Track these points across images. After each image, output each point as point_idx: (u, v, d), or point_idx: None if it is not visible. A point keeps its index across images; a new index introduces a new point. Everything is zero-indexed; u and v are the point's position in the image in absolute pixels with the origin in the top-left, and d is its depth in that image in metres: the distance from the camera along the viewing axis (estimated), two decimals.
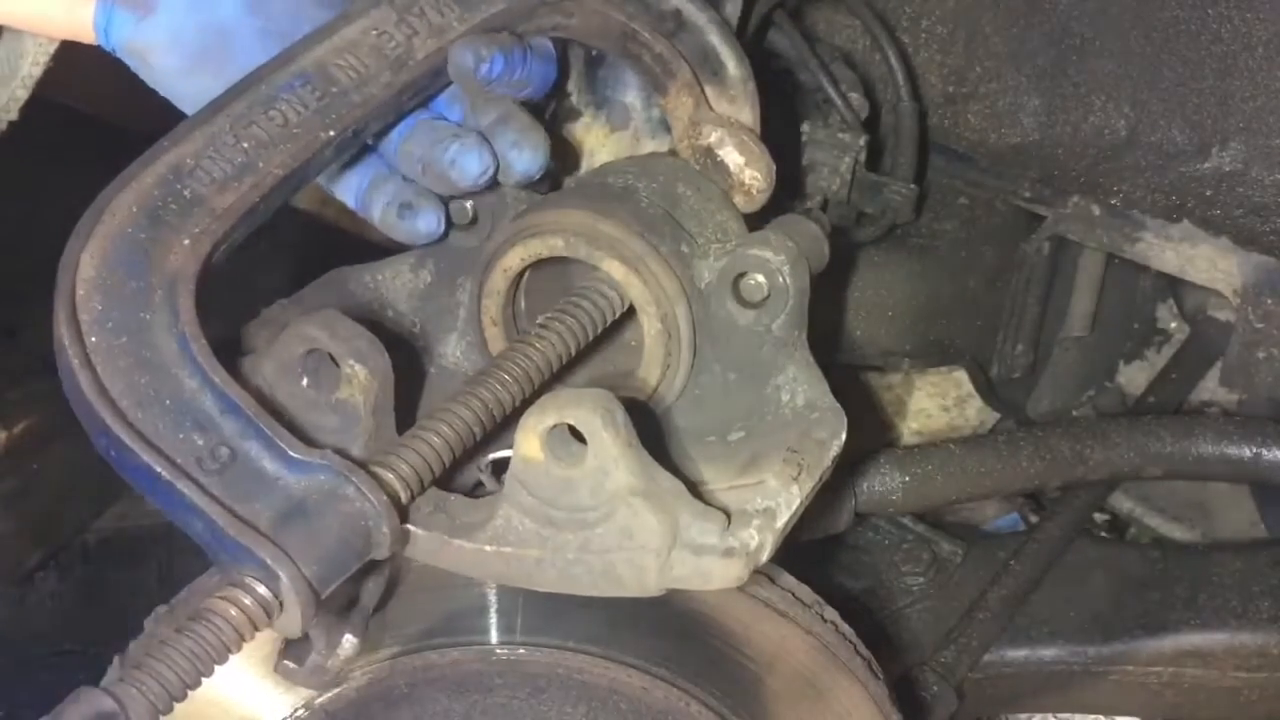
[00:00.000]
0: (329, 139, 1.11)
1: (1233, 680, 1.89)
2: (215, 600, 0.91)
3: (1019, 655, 1.93)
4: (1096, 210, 1.88)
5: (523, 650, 1.33)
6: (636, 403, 1.20)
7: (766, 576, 1.33)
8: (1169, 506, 2.23)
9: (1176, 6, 1.64)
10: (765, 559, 1.04)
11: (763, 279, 1.18)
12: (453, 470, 1.06)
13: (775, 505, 1.06)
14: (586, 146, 1.41)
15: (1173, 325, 2.19)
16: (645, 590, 1.02)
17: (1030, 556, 1.90)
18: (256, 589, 0.90)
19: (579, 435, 0.99)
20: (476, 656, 1.34)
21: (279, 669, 1.11)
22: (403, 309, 1.35)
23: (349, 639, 1.09)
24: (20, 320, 2.01)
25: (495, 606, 1.33)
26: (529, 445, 1.00)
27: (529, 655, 1.33)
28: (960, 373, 2.12)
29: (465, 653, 1.34)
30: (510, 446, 1.03)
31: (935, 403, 2.17)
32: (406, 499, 1.00)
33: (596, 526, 1.01)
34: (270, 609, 0.91)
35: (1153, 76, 1.67)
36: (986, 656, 1.89)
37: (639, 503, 0.99)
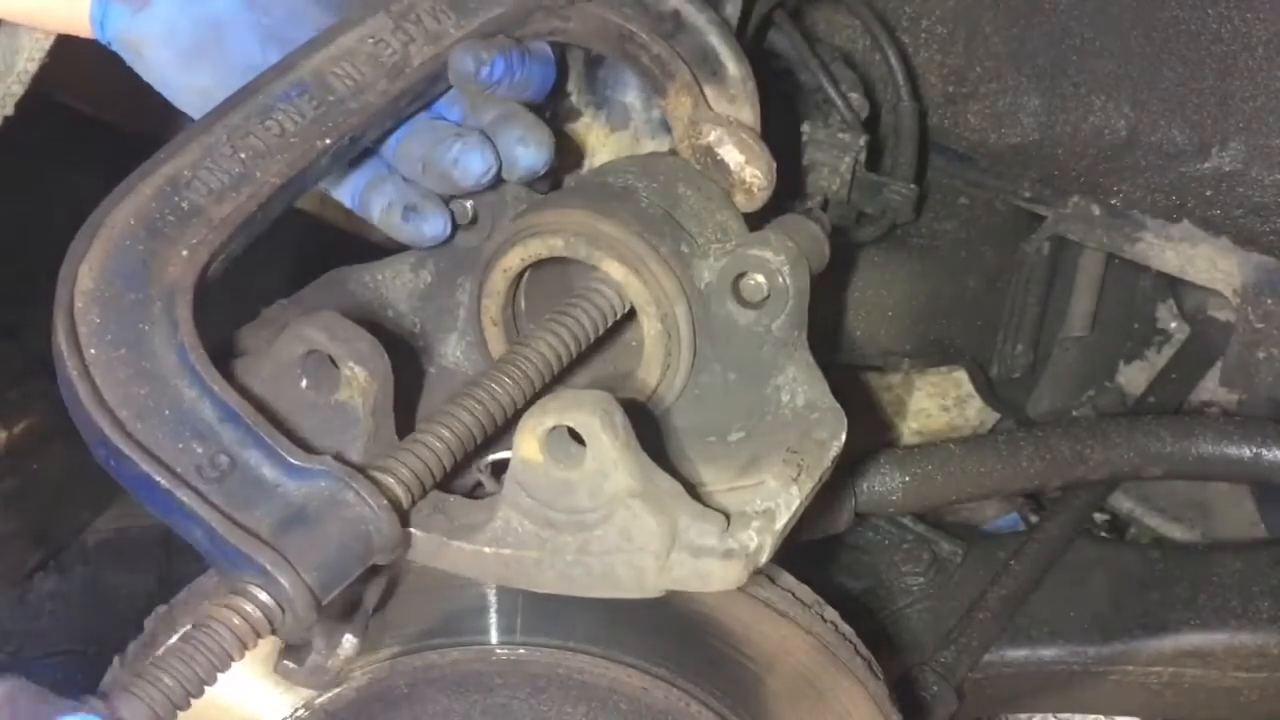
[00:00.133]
0: (326, 147, 1.10)
1: (1233, 680, 1.89)
2: (217, 608, 0.91)
3: (1019, 655, 1.92)
4: (1096, 210, 1.88)
5: (523, 650, 1.33)
6: (636, 404, 1.20)
7: (766, 576, 1.33)
8: (1169, 506, 2.23)
9: (1176, 6, 1.64)
10: (764, 560, 1.04)
11: (763, 279, 1.18)
12: (453, 473, 1.06)
13: (775, 506, 1.06)
14: (586, 146, 1.41)
15: (1173, 325, 2.19)
16: (644, 592, 1.02)
17: (1030, 556, 1.90)
18: (258, 596, 0.90)
19: (578, 437, 0.99)
20: (476, 656, 1.34)
21: (279, 669, 1.11)
22: (403, 309, 1.35)
23: (349, 639, 1.09)
24: (20, 320, 2.01)
25: (495, 606, 1.33)
26: (528, 447, 1.00)
27: (529, 655, 1.33)
28: (960, 373, 2.12)
29: (465, 653, 1.33)
30: (510, 447, 1.03)
31: (935, 403, 2.17)
32: (407, 504, 1.00)
33: (595, 528, 1.00)
34: (273, 616, 0.91)
35: (1153, 76, 1.67)
36: (986, 656, 1.89)
37: (638, 504, 0.99)
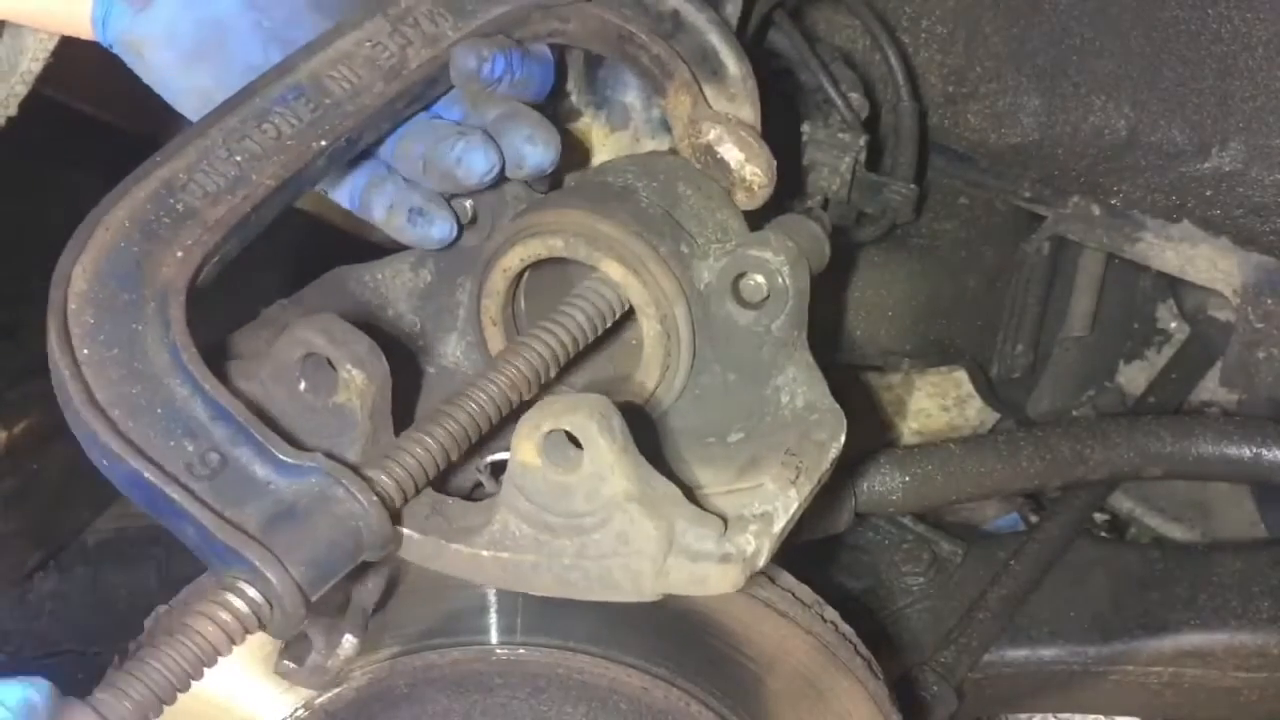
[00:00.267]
0: (322, 150, 1.10)
1: (1233, 680, 1.89)
2: (205, 603, 0.91)
3: (1019, 655, 1.92)
4: (1096, 210, 1.87)
5: (523, 650, 1.33)
6: (634, 407, 1.20)
7: (766, 576, 1.33)
8: (1169, 506, 2.23)
9: (1176, 6, 1.64)
10: (762, 564, 1.03)
11: (762, 279, 1.18)
12: (449, 473, 1.06)
13: (773, 509, 1.06)
14: (586, 146, 1.41)
15: (1173, 325, 2.19)
16: (641, 596, 1.02)
17: (1030, 556, 1.90)
18: (246, 592, 0.90)
19: (575, 441, 0.99)
20: (476, 656, 1.34)
21: (279, 669, 1.11)
22: (402, 308, 1.35)
23: (349, 639, 1.09)
24: (19, 320, 2.01)
25: (495, 606, 1.33)
26: (525, 450, 1.00)
27: (529, 655, 1.33)
28: (960, 373, 2.12)
29: (465, 653, 1.33)
30: (509, 448, 1.03)
31: (935, 403, 2.17)
32: (399, 501, 1.00)
33: (593, 532, 1.00)
34: (260, 611, 0.91)
35: (1153, 76, 1.67)
36: (986, 656, 1.89)
37: (635, 508, 0.99)
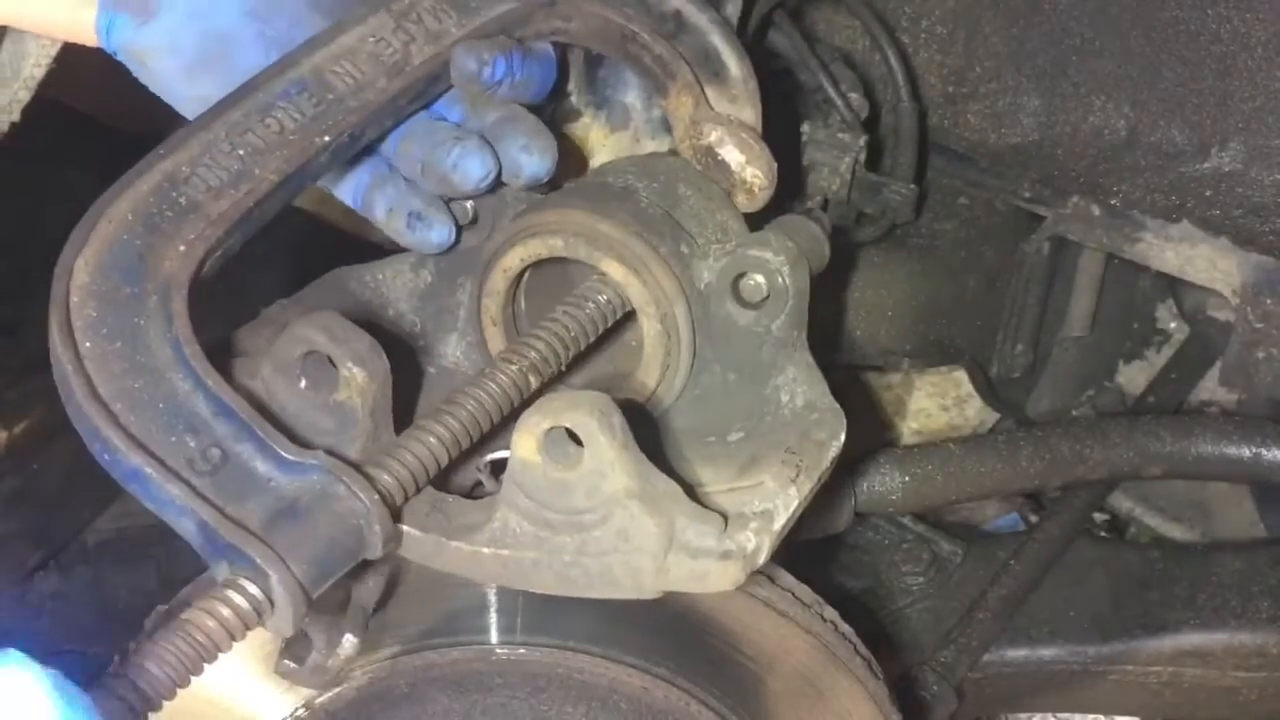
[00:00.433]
0: (325, 145, 1.11)
1: (1232, 680, 1.89)
2: (206, 600, 0.91)
3: (1019, 655, 1.92)
4: (1096, 210, 1.87)
5: (523, 650, 1.33)
6: (634, 405, 1.20)
7: (766, 576, 1.33)
8: (1169, 506, 2.23)
9: (1176, 7, 1.64)
10: (762, 561, 1.03)
11: (762, 279, 1.18)
12: (449, 471, 1.06)
13: (773, 507, 1.06)
14: (586, 147, 1.41)
15: (1172, 325, 2.19)
16: (642, 592, 1.02)
17: (1030, 556, 1.90)
18: (247, 588, 0.90)
19: (576, 438, 0.99)
20: (476, 656, 1.34)
21: (279, 668, 1.11)
22: (403, 308, 1.35)
23: (349, 638, 1.10)
24: (19, 318, 2.01)
25: (495, 606, 1.33)
26: (526, 448, 1.00)
27: (529, 655, 1.33)
28: (960, 373, 2.12)
29: (465, 652, 1.34)
30: (510, 446, 1.03)
31: (935, 403, 2.17)
32: (400, 499, 1.00)
33: (593, 529, 1.00)
34: (260, 608, 0.91)
35: (1152, 77, 1.67)
36: (986, 656, 1.89)
37: (636, 505, 0.99)
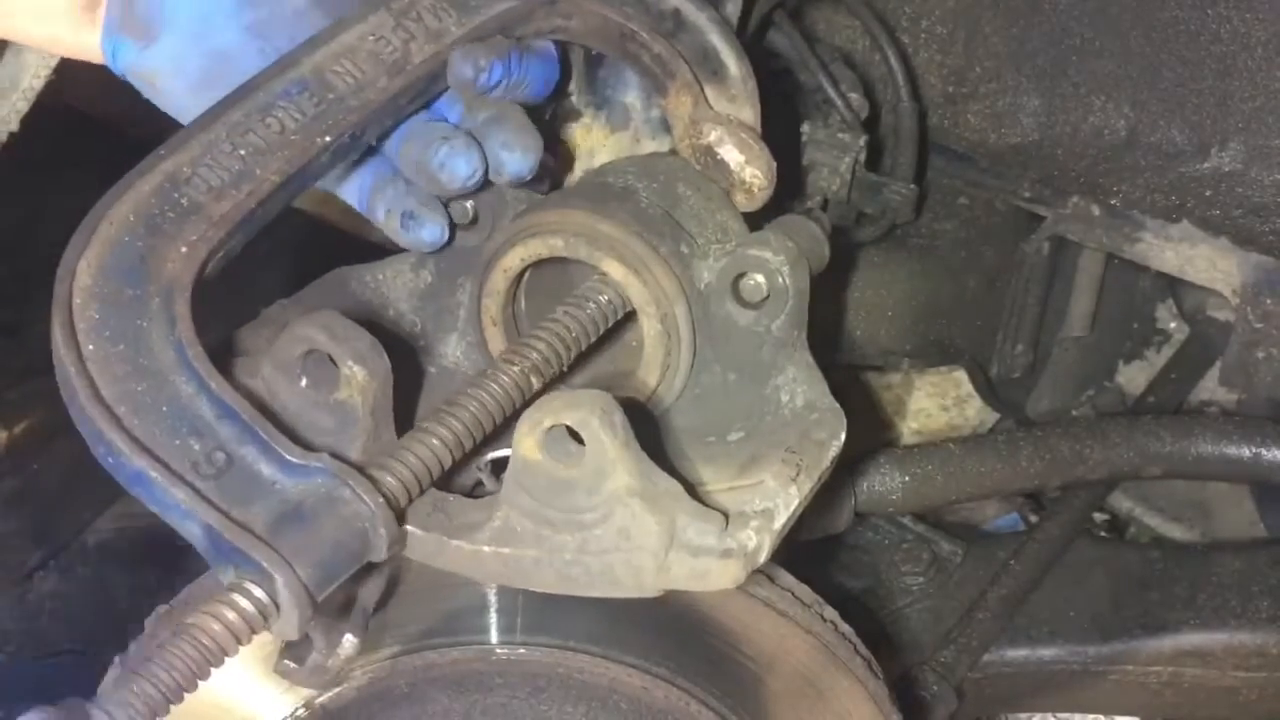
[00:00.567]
0: (326, 145, 1.10)
1: (1232, 680, 1.89)
2: (211, 604, 0.91)
3: (1019, 655, 1.92)
4: (1096, 210, 1.88)
5: (523, 650, 1.33)
6: (635, 404, 1.20)
7: (766, 576, 1.33)
8: (1169, 506, 2.23)
9: (1176, 7, 1.64)
10: (763, 560, 1.04)
11: (762, 279, 1.18)
12: (451, 471, 1.06)
13: (773, 506, 1.06)
14: (586, 147, 1.41)
15: (1172, 325, 2.19)
16: (643, 591, 1.02)
17: (1030, 556, 1.90)
18: (253, 592, 0.90)
19: (577, 436, 0.99)
20: (476, 656, 1.34)
21: (279, 669, 1.11)
22: (403, 308, 1.35)
23: (349, 639, 1.09)
24: (20, 320, 2.01)
25: (495, 606, 1.33)
26: (527, 446, 1.00)
27: (529, 655, 1.33)
28: (960, 373, 2.13)
29: (465, 652, 1.34)
30: (510, 446, 1.03)
31: (935, 403, 2.17)
32: (404, 501, 1.00)
33: (594, 528, 1.00)
34: (266, 612, 0.91)
35: (1152, 76, 1.67)
36: (986, 656, 1.89)
37: (637, 504, 0.99)
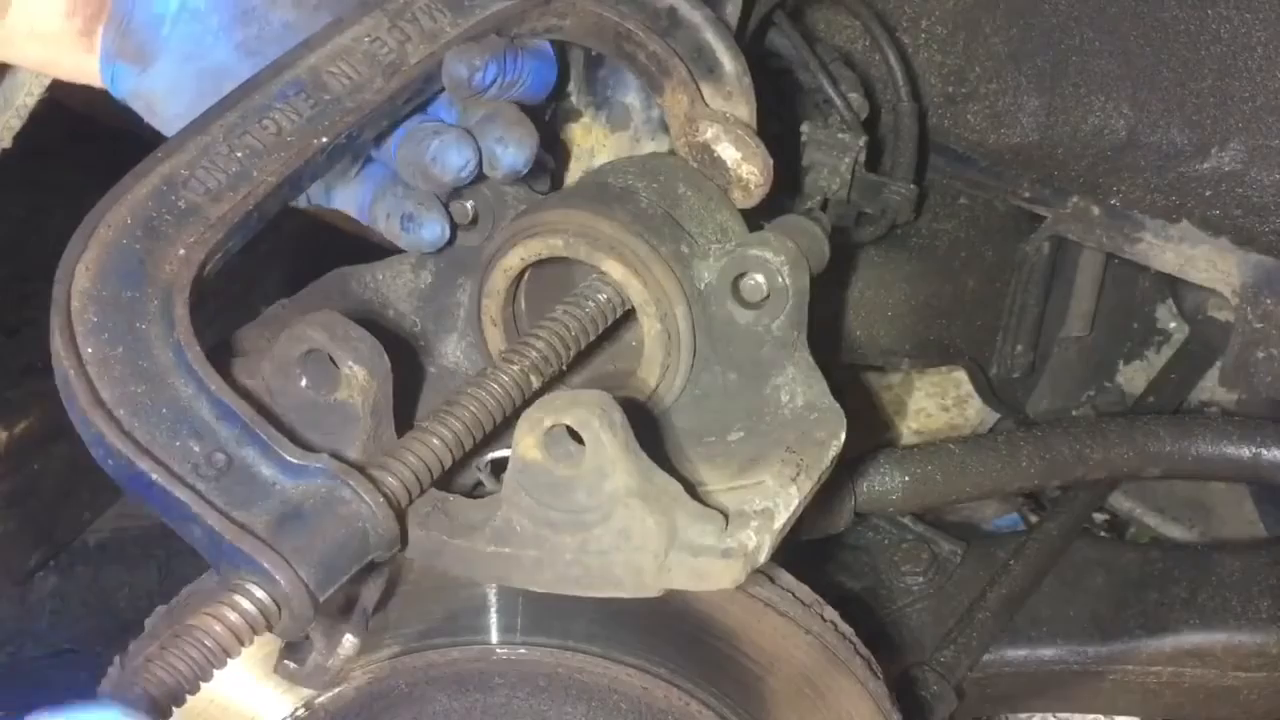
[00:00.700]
0: (322, 146, 1.10)
1: (1232, 680, 1.89)
2: (213, 605, 0.91)
3: (1019, 655, 1.93)
4: (1096, 210, 1.87)
5: (523, 650, 1.33)
6: (635, 403, 1.20)
7: (766, 576, 1.33)
8: (1169, 506, 2.23)
9: (1176, 7, 1.64)
10: (763, 560, 1.03)
11: (762, 279, 1.18)
12: (451, 471, 1.06)
13: (773, 506, 1.06)
14: (586, 146, 1.41)
15: (1172, 325, 2.19)
16: (643, 591, 1.02)
17: (1030, 556, 1.90)
18: (255, 593, 0.90)
19: (577, 436, 0.99)
20: (477, 656, 1.34)
21: (279, 669, 1.11)
22: (403, 309, 1.35)
23: (349, 639, 1.09)
24: (20, 320, 2.01)
25: (495, 606, 1.33)
26: (527, 446, 1.00)
27: (529, 655, 1.33)
28: (960, 373, 2.13)
29: (465, 652, 1.34)
30: (510, 446, 1.03)
31: (935, 403, 2.17)
32: (405, 501, 1.00)
33: (594, 528, 1.00)
34: (269, 614, 0.91)
35: (1152, 76, 1.67)
36: (986, 656, 1.89)
37: (637, 504, 0.99)
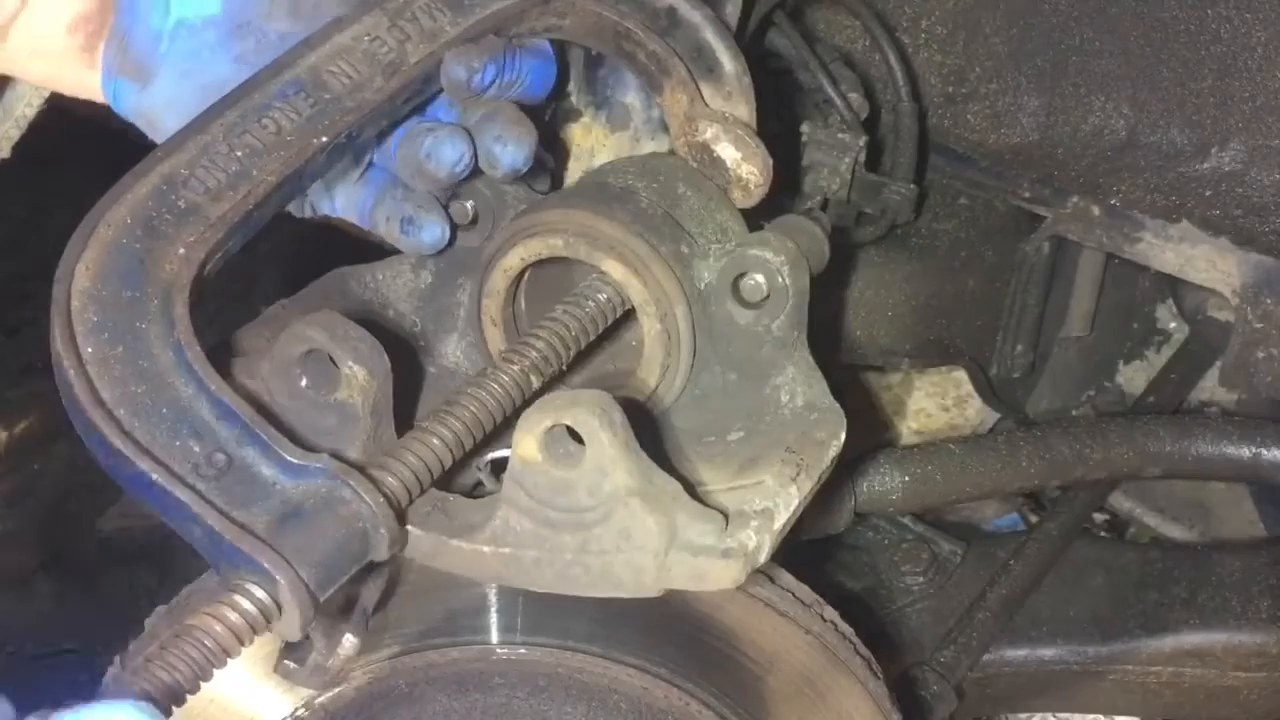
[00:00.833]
0: (322, 145, 1.10)
1: (1232, 680, 1.89)
2: (213, 604, 0.91)
3: (1019, 655, 1.93)
4: (1096, 210, 1.87)
5: (523, 650, 1.33)
6: (635, 403, 1.20)
7: (766, 576, 1.33)
8: (1169, 506, 2.23)
9: (1176, 7, 1.64)
10: (763, 560, 1.03)
11: (762, 279, 1.18)
12: (451, 471, 1.06)
13: (773, 506, 1.06)
14: (586, 146, 1.41)
15: (1172, 325, 2.19)
16: (643, 591, 1.02)
17: (1030, 556, 1.90)
18: (255, 593, 0.90)
19: (577, 436, 0.99)
20: (477, 656, 1.34)
21: (280, 669, 1.11)
22: (403, 309, 1.35)
23: (349, 639, 1.09)
24: (20, 320, 2.01)
25: (495, 606, 1.33)
26: (527, 446, 1.00)
27: (529, 655, 1.33)
28: (960, 373, 2.13)
29: (465, 652, 1.34)
30: (510, 446, 1.03)
31: (935, 402, 2.17)
32: (405, 501, 1.00)
33: (594, 527, 1.00)
34: (269, 613, 0.91)
35: (1152, 76, 1.67)
36: (986, 656, 1.89)
37: (637, 504, 0.99)
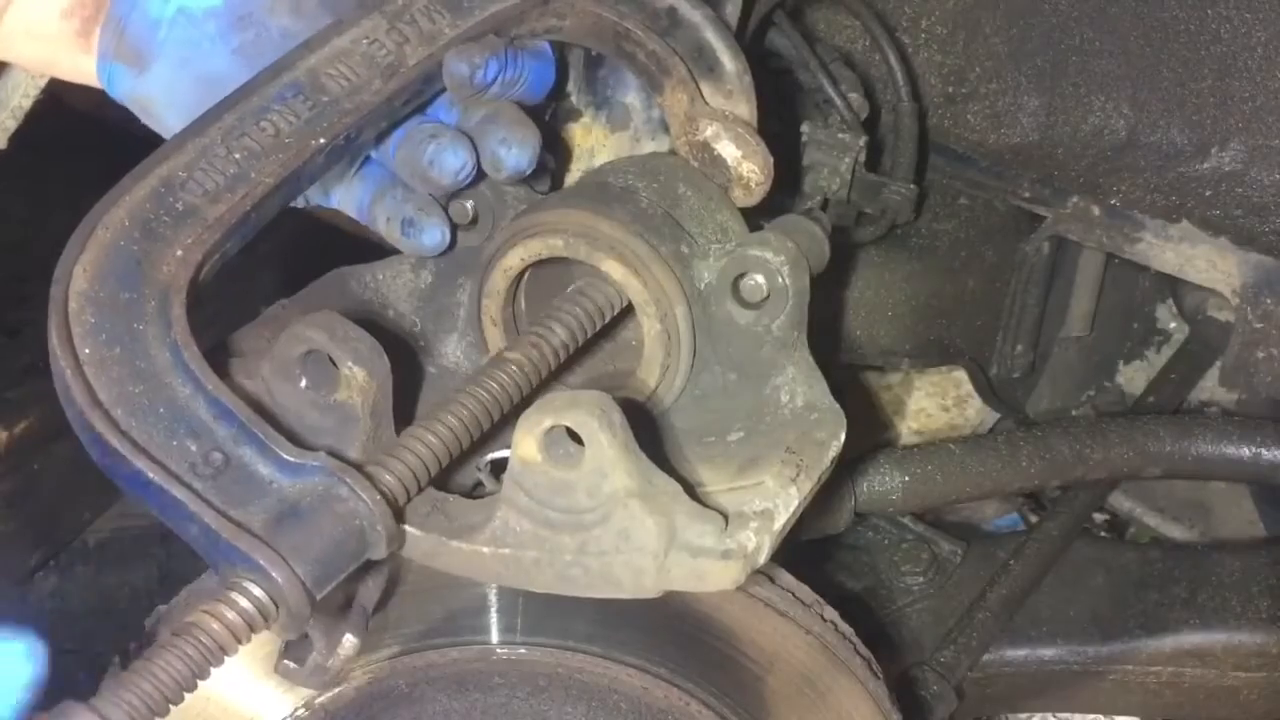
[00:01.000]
0: (320, 147, 1.11)
1: (1232, 680, 1.89)
2: (211, 603, 0.91)
3: (1019, 655, 1.93)
4: (1096, 210, 1.88)
5: (523, 650, 1.33)
6: (635, 404, 1.20)
7: (766, 576, 1.33)
8: (1168, 506, 2.23)
9: (1176, 7, 1.64)
10: (763, 560, 1.03)
11: (762, 279, 1.18)
12: (450, 470, 1.06)
13: (773, 506, 1.06)
14: (586, 146, 1.41)
15: (1172, 325, 2.19)
16: (642, 592, 1.02)
17: (1030, 556, 1.90)
18: (252, 591, 0.90)
19: (576, 437, 0.99)
20: (477, 656, 1.34)
21: (279, 669, 1.11)
22: (403, 309, 1.35)
23: (349, 639, 1.09)
24: (20, 320, 2.02)
25: (495, 606, 1.33)
26: (526, 447, 1.00)
27: (529, 655, 1.33)
28: (960, 373, 2.13)
29: (465, 652, 1.34)
30: (509, 446, 1.03)
31: (935, 402, 2.17)
32: (403, 499, 1.00)
33: (594, 528, 1.00)
34: (266, 611, 0.91)
35: (1152, 76, 1.67)
36: (986, 656, 1.89)
37: (636, 505, 0.99)
